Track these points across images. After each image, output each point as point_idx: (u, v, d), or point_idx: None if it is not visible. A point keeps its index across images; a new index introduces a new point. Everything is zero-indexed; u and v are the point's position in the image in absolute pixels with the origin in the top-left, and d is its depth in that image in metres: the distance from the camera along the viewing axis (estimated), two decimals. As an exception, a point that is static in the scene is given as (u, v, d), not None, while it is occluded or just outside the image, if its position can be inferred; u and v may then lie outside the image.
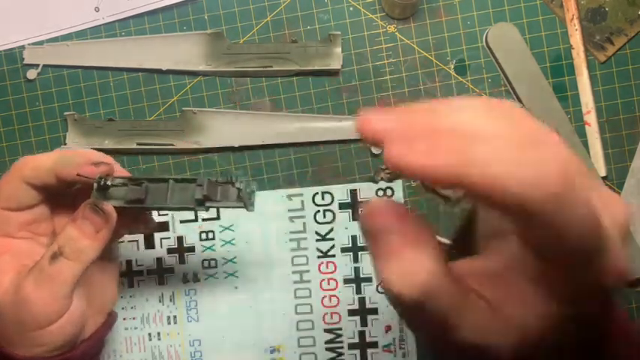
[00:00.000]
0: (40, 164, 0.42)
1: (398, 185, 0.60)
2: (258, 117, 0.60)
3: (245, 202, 0.42)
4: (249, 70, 0.60)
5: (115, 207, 0.42)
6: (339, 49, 0.59)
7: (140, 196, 0.42)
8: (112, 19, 0.60)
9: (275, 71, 0.60)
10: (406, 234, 0.24)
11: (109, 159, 0.45)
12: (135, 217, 0.47)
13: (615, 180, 0.59)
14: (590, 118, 0.59)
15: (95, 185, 0.42)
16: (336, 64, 0.59)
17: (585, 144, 0.59)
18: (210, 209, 0.43)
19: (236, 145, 0.60)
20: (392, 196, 0.60)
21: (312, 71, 0.60)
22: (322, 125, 0.60)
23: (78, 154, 0.43)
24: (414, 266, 0.24)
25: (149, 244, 0.61)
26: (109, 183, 0.42)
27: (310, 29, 0.60)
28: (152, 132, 0.60)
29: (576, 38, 0.58)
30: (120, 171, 0.45)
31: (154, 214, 0.62)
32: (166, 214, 0.61)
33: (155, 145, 0.60)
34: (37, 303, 0.40)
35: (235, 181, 0.42)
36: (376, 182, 0.60)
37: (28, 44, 0.61)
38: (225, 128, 0.60)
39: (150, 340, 0.61)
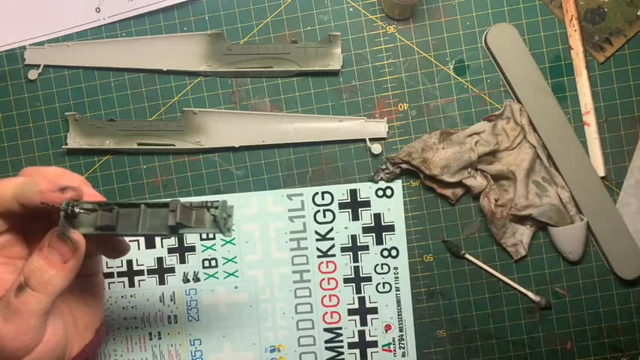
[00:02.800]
0: (1, 192, 0.39)
1: (397, 185, 0.60)
2: (258, 117, 0.60)
3: (220, 227, 0.39)
4: (249, 71, 0.60)
5: (84, 235, 0.39)
6: (338, 50, 0.59)
7: (111, 222, 0.39)
8: (112, 20, 0.61)
9: (275, 72, 0.60)
10: None
11: (76, 180, 0.41)
12: (106, 241, 0.44)
13: (614, 180, 0.59)
14: (589, 119, 0.59)
15: (62, 213, 0.39)
16: (335, 64, 0.59)
17: (584, 144, 0.59)
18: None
19: (236, 145, 0.60)
20: (392, 196, 0.60)
21: (312, 72, 0.60)
22: (322, 125, 0.60)
23: (42, 178, 0.40)
24: None
25: (150, 243, 0.61)
26: (77, 210, 0.39)
27: (310, 30, 0.60)
28: (153, 132, 0.60)
29: (575, 39, 0.59)
30: (90, 194, 0.42)
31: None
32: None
33: (156, 145, 0.60)
34: (5, 337, 0.38)
35: (210, 206, 0.39)
36: (376, 182, 0.60)
37: (29, 45, 0.61)
38: (226, 128, 0.60)
39: (150, 339, 0.62)
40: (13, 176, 0.41)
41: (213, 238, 0.61)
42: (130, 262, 0.61)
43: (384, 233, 0.60)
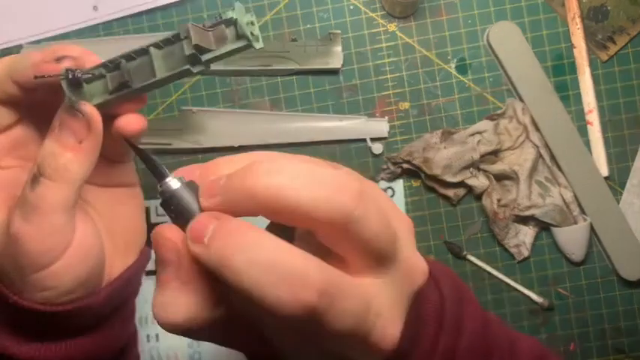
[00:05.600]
0: None
1: (398, 185, 0.60)
2: (257, 116, 0.60)
3: (247, 36, 0.32)
4: (248, 69, 0.59)
5: (100, 105, 0.34)
6: (339, 48, 0.59)
7: (123, 79, 0.34)
8: (110, 18, 0.60)
9: (274, 70, 0.59)
10: (179, 268, 0.27)
11: (76, 50, 0.35)
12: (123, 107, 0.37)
13: (617, 180, 0.59)
14: (592, 118, 0.59)
15: (64, 83, 0.33)
16: (336, 63, 0.59)
17: (587, 143, 0.59)
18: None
19: (235, 145, 0.59)
20: (393, 196, 0.60)
21: (312, 70, 0.59)
22: (322, 125, 0.60)
23: (35, 52, 0.34)
24: (176, 299, 0.27)
25: (149, 243, 0.61)
26: (78, 75, 0.33)
27: (310, 28, 0.60)
28: (150, 131, 0.60)
29: (578, 37, 0.58)
30: (96, 62, 0.35)
31: (153, 215, 0.61)
32: (165, 216, 0.61)
33: (154, 144, 0.60)
34: (28, 239, 0.32)
35: (229, 20, 0.32)
36: (376, 182, 0.60)
37: (26, 43, 0.60)
38: (225, 128, 0.60)
39: (148, 341, 0.61)
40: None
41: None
42: (127, 264, 0.61)
43: (384, 234, 0.60)
